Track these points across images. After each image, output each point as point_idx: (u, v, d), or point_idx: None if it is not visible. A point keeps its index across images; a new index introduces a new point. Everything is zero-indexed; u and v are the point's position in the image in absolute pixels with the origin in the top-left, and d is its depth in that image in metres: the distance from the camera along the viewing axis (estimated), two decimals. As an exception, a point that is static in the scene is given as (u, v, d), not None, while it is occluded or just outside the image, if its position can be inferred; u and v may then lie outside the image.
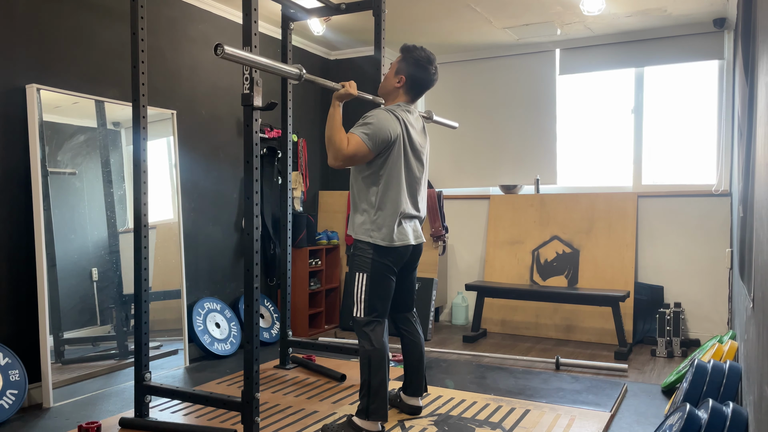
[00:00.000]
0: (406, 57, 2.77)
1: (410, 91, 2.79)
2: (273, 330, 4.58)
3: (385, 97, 2.86)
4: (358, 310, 2.69)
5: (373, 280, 2.67)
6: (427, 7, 4.30)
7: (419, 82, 2.77)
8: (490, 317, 5.03)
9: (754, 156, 2.09)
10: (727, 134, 4.49)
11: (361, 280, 2.68)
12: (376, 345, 2.65)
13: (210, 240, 4.29)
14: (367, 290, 2.67)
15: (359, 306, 2.68)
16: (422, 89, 2.81)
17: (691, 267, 4.62)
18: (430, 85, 2.80)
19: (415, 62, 2.75)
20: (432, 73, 2.78)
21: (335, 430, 2.67)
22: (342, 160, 2.60)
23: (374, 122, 2.62)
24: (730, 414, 1.96)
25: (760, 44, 1.94)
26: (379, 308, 2.69)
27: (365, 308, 2.68)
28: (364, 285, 2.67)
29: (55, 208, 3.22)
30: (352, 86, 2.72)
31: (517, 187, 5.24)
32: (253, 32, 2.49)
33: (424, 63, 2.75)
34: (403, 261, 2.78)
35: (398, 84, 2.77)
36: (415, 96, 2.82)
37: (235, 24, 4.44)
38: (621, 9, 4.25)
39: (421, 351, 2.93)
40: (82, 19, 3.44)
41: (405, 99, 2.80)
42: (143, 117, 2.87)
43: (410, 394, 2.95)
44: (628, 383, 3.57)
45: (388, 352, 2.71)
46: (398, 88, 2.78)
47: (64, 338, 3.24)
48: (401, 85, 2.77)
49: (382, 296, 2.70)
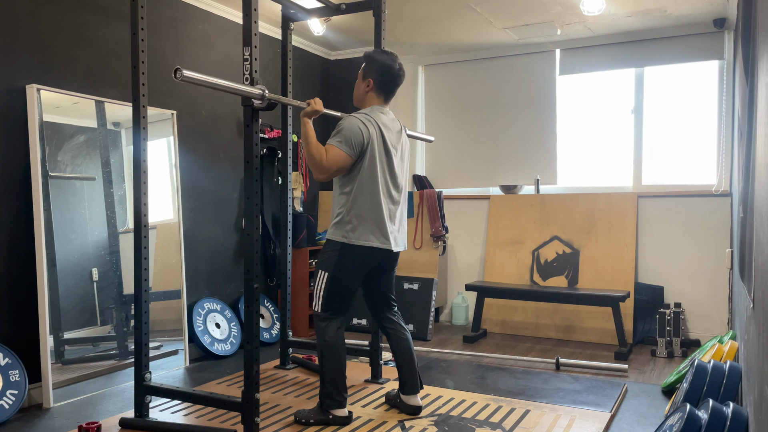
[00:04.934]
0: (369, 61, 2.88)
1: (381, 91, 2.87)
2: (273, 330, 4.58)
3: (360, 105, 2.94)
4: (316, 305, 2.83)
5: (333, 278, 2.78)
6: (427, 8, 4.30)
7: (387, 81, 2.86)
8: (490, 317, 5.02)
9: (754, 156, 2.09)
10: (727, 134, 4.49)
11: (321, 278, 2.80)
12: (328, 339, 2.78)
13: (210, 240, 4.29)
14: (327, 288, 2.78)
15: (317, 302, 2.81)
16: (392, 87, 2.89)
17: (692, 267, 4.62)
18: (398, 81, 2.89)
19: (379, 63, 2.85)
20: (397, 69, 2.86)
21: (305, 415, 2.81)
22: (325, 172, 2.69)
23: (345, 127, 2.72)
24: (730, 414, 1.96)
25: (760, 44, 1.94)
26: (335, 306, 2.80)
27: (322, 304, 2.80)
28: (324, 282, 2.79)
29: (55, 209, 3.22)
30: (318, 103, 2.77)
31: (517, 188, 5.24)
32: (253, 32, 2.50)
33: (388, 62, 2.85)
34: (375, 263, 2.85)
35: (368, 88, 2.87)
36: (387, 95, 2.90)
37: (235, 24, 4.44)
38: (621, 9, 4.25)
39: (410, 346, 2.97)
40: (82, 19, 3.44)
41: (378, 101, 2.89)
42: (143, 117, 2.87)
43: (408, 392, 2.97)
44: (629, 383, 3.57)
45: (342, 345, 2.82)
46: (368, 91, 2.88)
47: (64, 338, 3.24)
48: (371, 88, 2.87)
49: (341, 295, 2.80)
